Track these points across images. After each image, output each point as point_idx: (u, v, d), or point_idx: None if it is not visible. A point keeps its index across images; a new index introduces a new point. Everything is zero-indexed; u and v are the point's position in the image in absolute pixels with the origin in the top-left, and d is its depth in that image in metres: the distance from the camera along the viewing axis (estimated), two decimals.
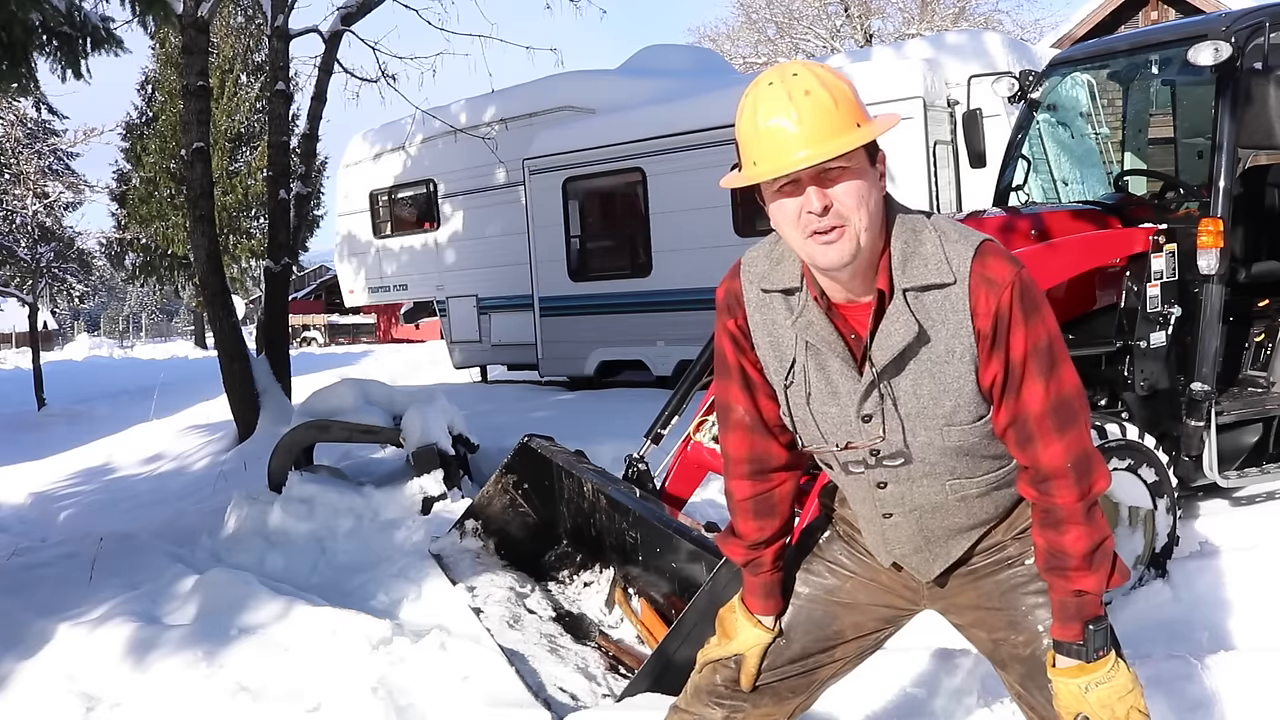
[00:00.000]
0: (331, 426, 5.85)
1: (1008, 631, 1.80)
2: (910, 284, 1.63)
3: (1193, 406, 4.22)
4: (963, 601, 1.86)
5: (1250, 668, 2.94)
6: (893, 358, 1.65)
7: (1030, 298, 1.62)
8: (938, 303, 1.64)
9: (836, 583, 1.93)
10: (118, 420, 11.46)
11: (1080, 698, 1.67)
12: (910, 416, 1.69)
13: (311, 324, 34.07)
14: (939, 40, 9.71)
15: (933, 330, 1.64)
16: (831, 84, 1.58)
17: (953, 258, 1.63)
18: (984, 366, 1.65)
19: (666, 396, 4.28)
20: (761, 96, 1.59)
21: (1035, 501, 1.70)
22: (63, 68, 5.53)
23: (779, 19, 29.15)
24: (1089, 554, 1.66)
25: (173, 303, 61.25)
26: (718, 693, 1.93)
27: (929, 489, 1.76)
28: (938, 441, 1.70)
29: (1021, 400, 1.64)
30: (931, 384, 1.66)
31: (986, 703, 2.84)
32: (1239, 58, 4.14)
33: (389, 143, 12.54)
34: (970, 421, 1.69)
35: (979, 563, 1.83)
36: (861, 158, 1.59)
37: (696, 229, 9.22)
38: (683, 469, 3.99)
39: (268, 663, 3.38)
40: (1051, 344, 1.64)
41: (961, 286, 1.62)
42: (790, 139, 1.55)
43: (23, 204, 17.15)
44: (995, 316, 1.61)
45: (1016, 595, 1.80)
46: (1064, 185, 5.28)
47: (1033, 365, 1.63)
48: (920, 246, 1.64)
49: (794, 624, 1.92)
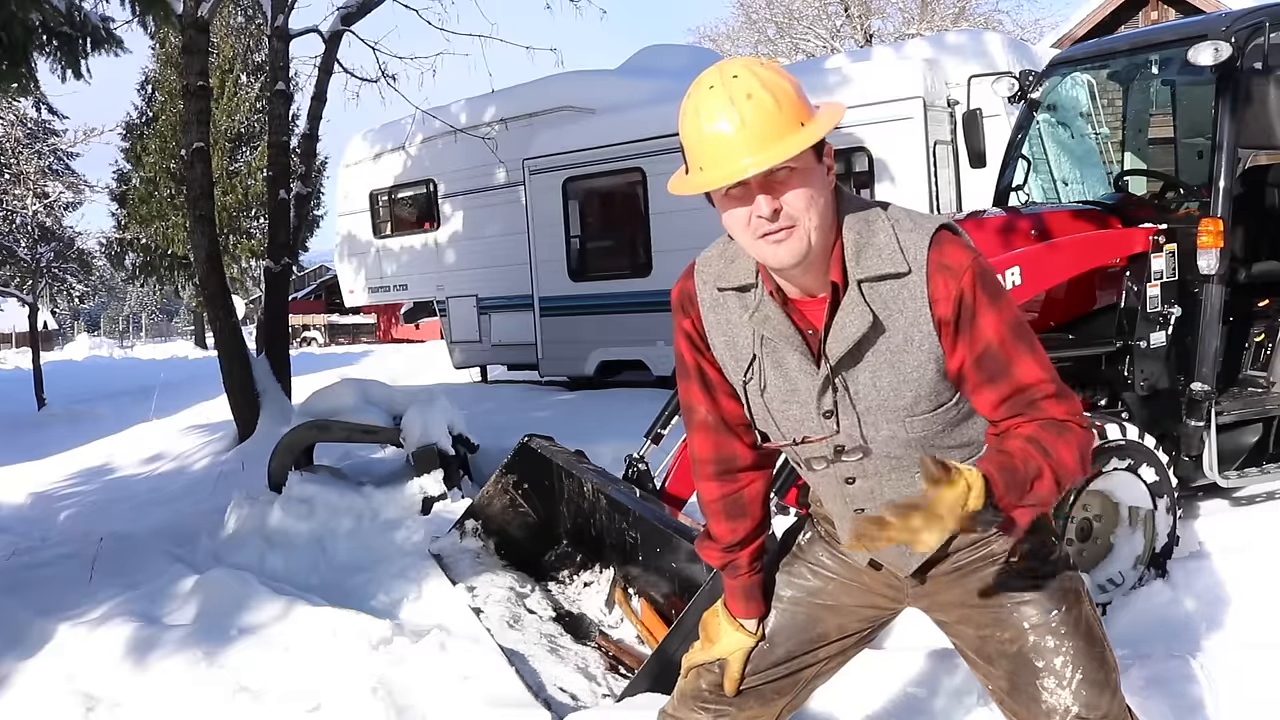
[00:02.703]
0: (331, 426, 5.86)
1: (993, 628, 1.80)
2: (864, 274, 1.62)
3: (1193, 406, 4.23)
4: (947, 599, 1.85)
5: (1250, 667, 2.94)
6: (848, 349, 1.64)
7: (990, 280, 1.62)
8: (894, 292, 1.62)
9: (819, 584, 1.92)
10: (118, 420, 11.44)
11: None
12: (870, 410, 1.68)
13: (311, 324, 34.05)
14: (939, 40, 9.71)
15: (889, 320, 1.63)
16: (773, 84, 1.55)
17: (907, 247, 1.62)
18: (950, 353, 1.63)
19: (666, 396, 4.27)
20: (703, 100, 1.57)
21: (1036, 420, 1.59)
22: (63, 68, 5.53)
23: (779, 19, 29.16)
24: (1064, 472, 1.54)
25: (173, 303, 61.27)
26: (703, 697, 1.92)
27: (898, 483, 1.75)
28: (901, 434, 1.69)
29: (1014, 379, 1.60)
30: (891, 375, 1.65)
31: (986, 702, 2.83)
32: (1239, 58, 4.14)
33: (389, 143, 12.53)
34: (931, 410, 1.68)
35: (963, 560, 1.81)
36: (808, 157, 1.57)
37: (696, 229, 9.13)
38: (683, 469, 3.99)
39: (268, 663, 3.39)
40: (1022, 321, 1.64)
41: (918, 275, 1.61)
42: (734, 145, 1.54)
43: (23, 204, 17.11)
44: (958, 303, 1.60)
45: (1002, 592, 1.79)
46: (1064, 185, 5.28)
47: (1017, 345, 1.61)
48: (873, 237, 1.63)
49: (778, 627, 1.91)
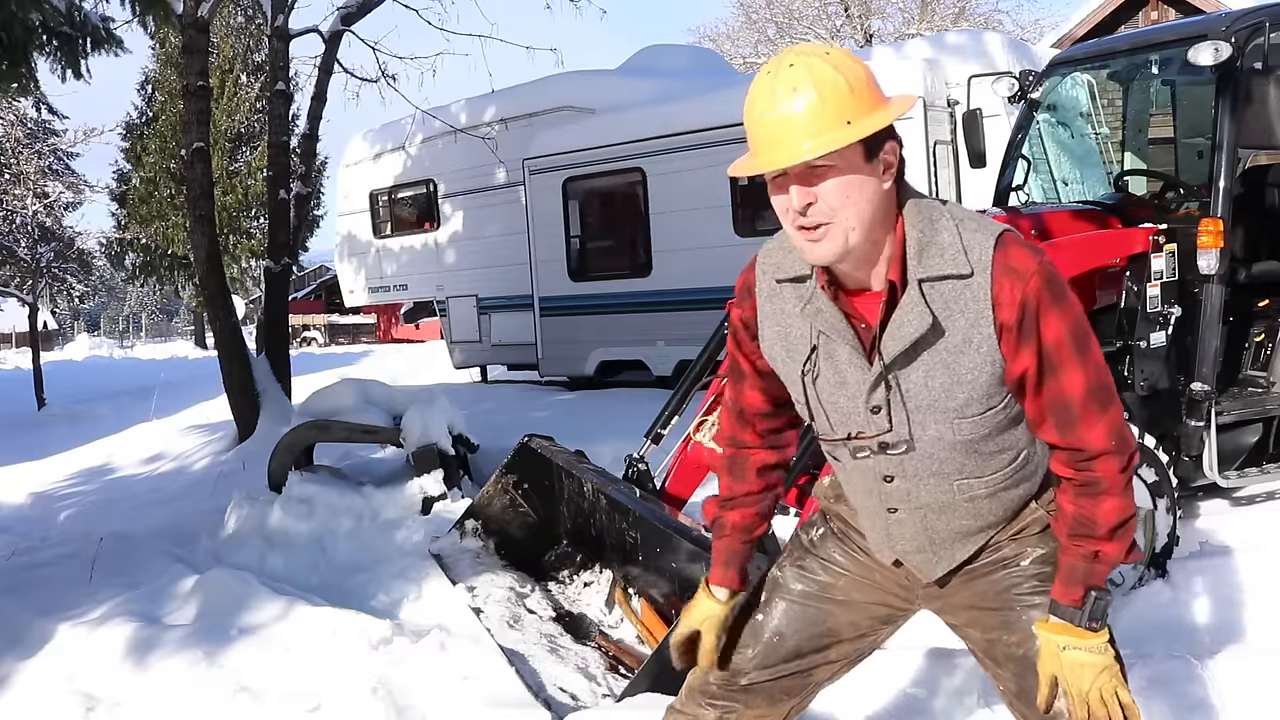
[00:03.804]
0: (331, 426, 5.86)
1: (1001, 631, 1.78)
2: (927, 274, 1.60)
3: (1193, 406, 4.23)
4: (958, 601, 1.85)
5: (1250, 668, 2.94)
6: (904, 349, 1.62)
7: (1057, 284, 1.59)
8: (956, 293, 1.60)
9: (830, 580, 1.92)
10: (118, 420, 11.44)
11: (1056, 655, 1.65)
12: (920, 409, 1.66)
13: (311, 324, 34.04)
14: (939, 40, 9.71)
15: (948, 321, 1.60)
16: (825, 78, 1.53)
17: (972, 248, 1.59)
18: (1012, 359, 1.61)
19: (666, 396, 4.27)
20: (758, 87, 1.58)
21: (1073, 478, 1.67)
22: (63, 68, 5.54)
23: (779, 19, 29.15)
24: (1118, 525, 1.65)
25: (173, 303, 61.28)
26: (710, 693, 1.92)
27: (936, 488, 1.74)
28: (948, 435, 1.68)
29: (1062, 386, 1.61)
30: (945, 375, 1.63)
31: (987, 703, 2.83)
32: (1239, 58, 4.14)
33: (389, 143, 12.53)
34: (980, 414, 1.66)
35: (976, 563, 1.81)
36: (853, 154, 1.54)
37: (696, 229, 9.21)
38: (683, 469, 3.99)
39: (268, 663, 3.39)
40: (1083, 326, 1.62)
41: (982, 277, 1.58)
42: (774, 136, 1.55)
43: (23, 204, 17.11)
44: (1021, 307, 1.57)
45: (1011, 596, 1.78)
46: (1064, 185, 5.28)
47: (1070, 350, 1.60)
48: (937, 236, 1.61)
49: (788, 620, 1.91)
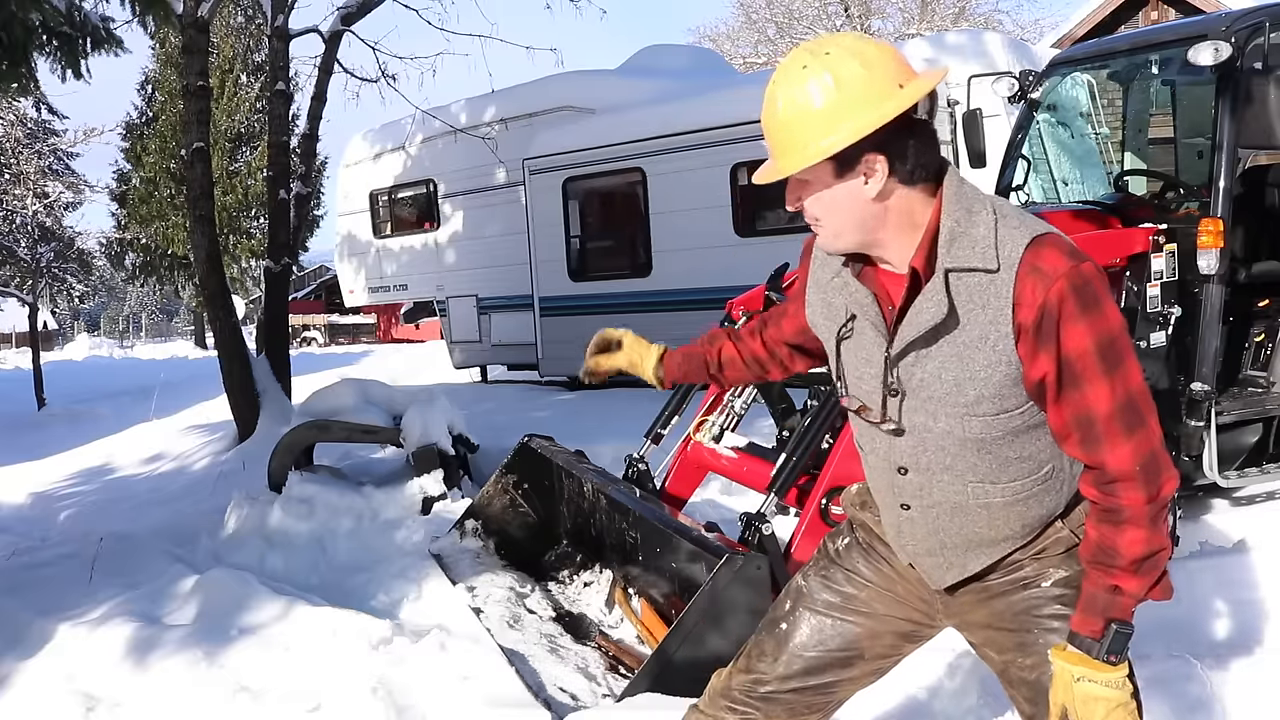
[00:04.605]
0: (331, 426, 5.86)
1: (1015, 653, 1.74)
2: (954, 264, 1.56)
3: (1193, 406, 4.22)
4: (974, 619, 1.82)
5: (1250, 668, 2.95)
6: (918, 335, 1.60)
7: (1087, 292, 1.53)
8: (980, 287, 1.56)
9: (854, 591, 1.90)
10: (118, 420, 11.45)
11: (1069, 685, 1.59)
12: (933, 399, 1.64)
13: (311, 324, 34.05)
14: (939, 40, 9.72)
15: (968, 315, 1.57)
16: (795, 100, 1.55)
17: (1004, 244, 1.55)
18: (1029, 362, 1.56)
19: (666, 396, 4.27)
20: (766, 90, 1.60)
21: (1097, 501, 1.61)
22: (63, 68, 5.54)
23: (779, 19, 29.16)
24: (1141, 559, 1.57)
25: (173, 303, 61.27)
26: (732, 698, 1.91)
27: (949, 487, 1.71)
28: (957, 430, 1.65)
29: (1085, 400, 1.55)
30: (957, 369, 1.60)
31: (987, 703, 2.84)
32: (1239, 58, 4.14)
33: (389, 143, 12.54)
34: (993, 414, 1.62)
35: (993, 580, 1.77)
36: (823, 171, 1.54)
37: (696, 229, 9.22)
38: (683, 469, 3.99)
39: (268, 663, 3.38)
40: (1114, 341, 1.55)
41: (1008, 274, 1.54)
42: (769, 146, 1.60)
43: (23, 204, 17.13)
44: (1041, 310, 1.52)
45: (1029, 618, 1.73)
46: (1064, 185, 5.28)
47: (1095, 363, 1.53)
48: (972, 228, 1.57)
49: (812, 630, 1.89)
